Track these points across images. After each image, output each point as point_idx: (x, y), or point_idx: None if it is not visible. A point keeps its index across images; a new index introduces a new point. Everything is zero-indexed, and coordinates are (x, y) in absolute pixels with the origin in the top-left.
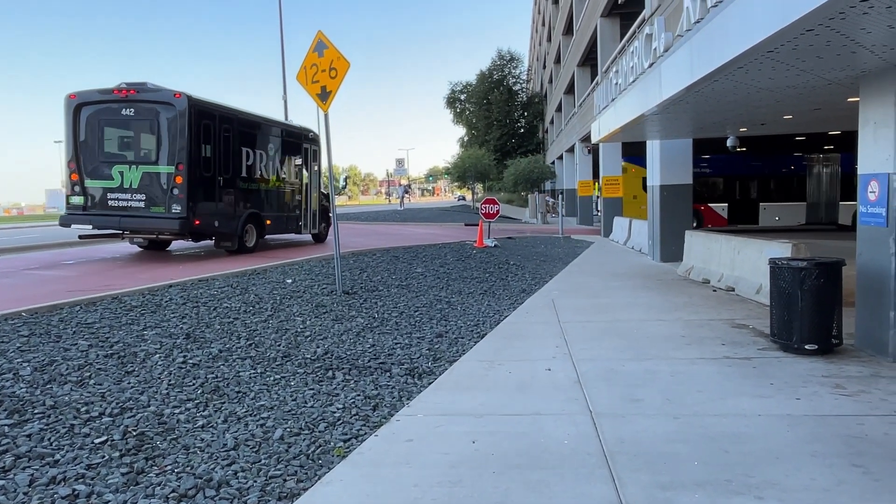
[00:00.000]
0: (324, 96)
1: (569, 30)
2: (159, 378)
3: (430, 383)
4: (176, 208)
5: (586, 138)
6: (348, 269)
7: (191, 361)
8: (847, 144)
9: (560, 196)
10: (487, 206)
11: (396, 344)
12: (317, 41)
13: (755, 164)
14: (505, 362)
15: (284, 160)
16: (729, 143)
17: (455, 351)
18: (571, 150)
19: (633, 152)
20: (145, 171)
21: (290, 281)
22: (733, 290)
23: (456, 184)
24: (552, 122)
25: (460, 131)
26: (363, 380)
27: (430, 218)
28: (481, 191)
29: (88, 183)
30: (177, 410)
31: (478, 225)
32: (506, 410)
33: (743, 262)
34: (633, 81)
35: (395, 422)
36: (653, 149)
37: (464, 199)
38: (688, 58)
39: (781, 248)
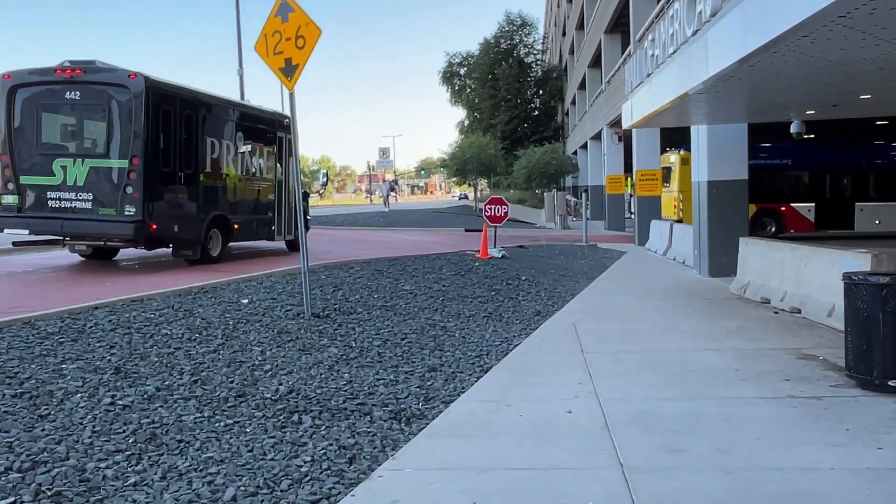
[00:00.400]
0: (289, 71)
1: None
2: (81, 423)
3: (420, 429)
4: (130, 210)
5: (616, 123)
6: (319, 286)
7: (121, 402)
8: None
9: (584, 195)
10: (493, 207)
11: (379, 380)
12: (280, 3)
13: (851, 154)
14: (515, 403)
15: (255, 152)
16: (793, 129)
17: (452, 389)
18: (598, 137)
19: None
20: (93, 166)
21: (246, 301)
22: (799, 311)
23: (454, 179)
24: (574, 102)
25: (459, 113)
26: (337, 425)
27: (423, 222)
28: (486, 188)
29: (24, 180)
30: (102, 464)
31: (481, 231)
32: (515, 464)
33: (811, 276)
34: (674, 53)
35: (376, 478)
36: (698, 136)
37: (466, 197)
38: (740, 24)
39: (859, 260)
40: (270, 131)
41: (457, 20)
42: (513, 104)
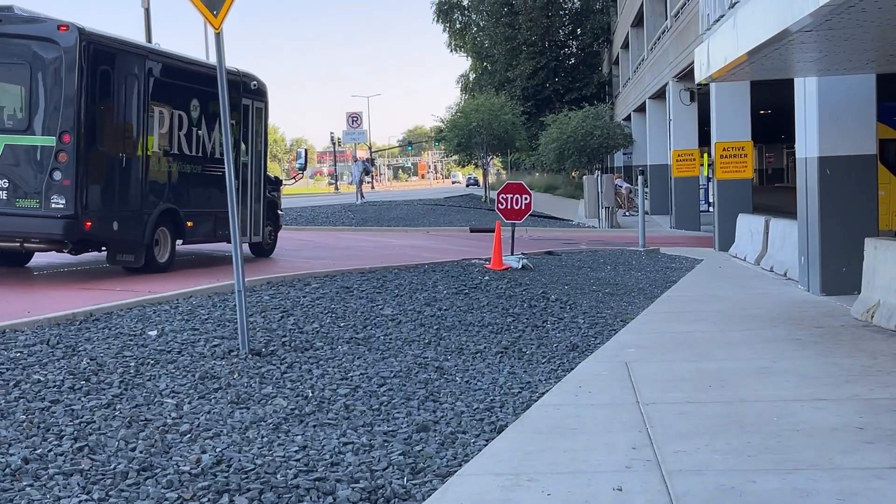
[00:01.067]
0: (214, 3)
1: None
2: None
3: None
4: (58, 202)
5: (688, 74)
6: (261, 310)
7: None
8: None
9: (641, 178)
10: (510, 197)
11: (346, 444)
12: None
13: None
14: (540, 476)
15: (214, 127)
16: None
17: (451, 456)
18: (661, 95)
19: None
20: (8, 144)
21: (154, 333)
22: None
23: (454, 158)
24: (626, 45)
25: (463, 64)
26: None
27: (409, 218)
28: (501, 170)
29: None
30: None
31: (493, 231)
32: None
33: None
34: None
35: None
36: (805, 93)
37: (476, 183)
38: None
39: None
40: (233, 96)
41: None
42: (538, 50)
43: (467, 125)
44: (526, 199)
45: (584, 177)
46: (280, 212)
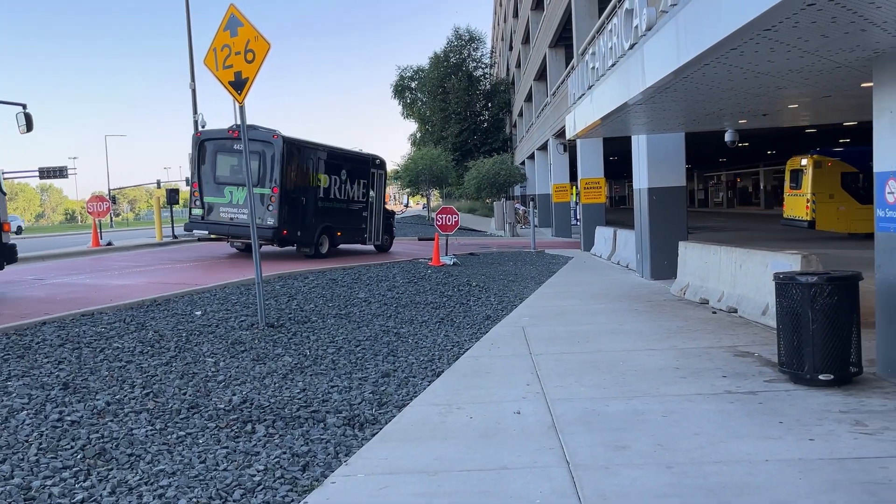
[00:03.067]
0: (238, 85)
1: (538, 4)
2: (27, 441)
3: (373, 435)
4: (270, 221)
5: (561, 133)
6: (273, 296)
7: (69, 419)
8: (866, 137)
9: (532, 203)
10: (444, 216)
11: (333, 387)
12: (228, 17)
13: None
14: (465, 405)
15: (354, 182)
16: (727, 137)
17: (405, 393)
18: (544, 147)
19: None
20: (256, 193)
21: (199, 313)
22: (736, 311)
23: (407, 190)
24: (521, 114)
25: (412, 126)
26: (290, 433)
27: None
28: (438, 198)
29: (206, 199)
30: (49, 482)
31: (434, 239)
32: (466, 465)
33: (746, 277)
34: (613, 65)
35: (329, 485)
36: (638, 145)
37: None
38: (674, 38)
39: (789, 261)
40: (364, 167)
41: (407, 36)
42: (462, 117)
43: (415, 168)
44: (455, 217)
45: (495, 202)
46: (393, 228)
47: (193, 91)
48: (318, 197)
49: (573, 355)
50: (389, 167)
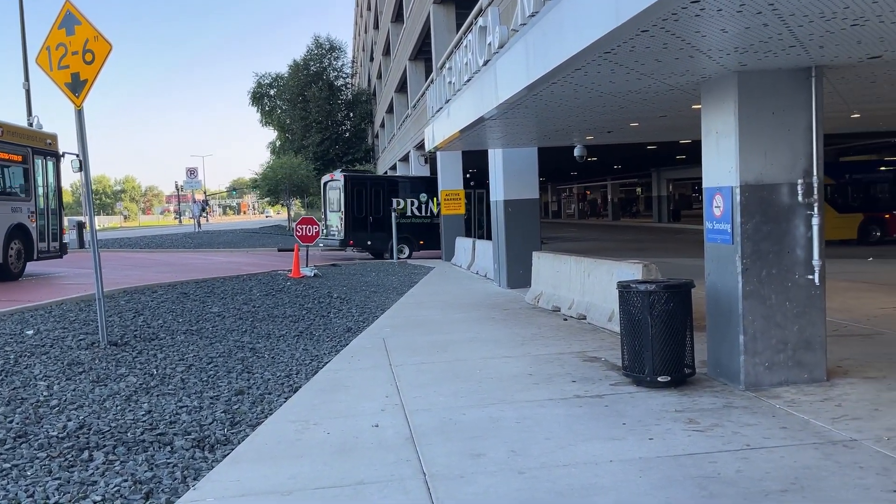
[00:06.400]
0: (76, 86)
1: (398, 17)
2: None
3: (225, 455)
4: (342, 235)
5: (422, 145)
6: (117, 312)
7: None
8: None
9: (394, 214)
10: (304, 227)
11: (182, 407)
12: (64, 14)
13: None
14: (323, 421)
15: (416, 200)
16: (577, 152)
17: (260, 411)
18: (406, 159)
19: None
20: (337, 215)
21: (31, 332)
22: (585, 317)
23: (266, 199)
24: (383, 125)
25: (271, 134)
26: (133, 459)
27: (234, 242)
28: (299, 208)
29: (323, 221)
30: None
31: (293, 250)
32: (322, 482)
33: (594, 286)
34: (469, 81)
35: None
36: (495, 159)
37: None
38: (524, 56)
39: (632, 270)
40: (423, 189)
41: (266, 43)
42: (324, 126)
43: (275, 177)
44: (316, 228)
45: None
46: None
47: (27, 91)
48: (375, 216)
49: (432, 365)
50: (248, 175)
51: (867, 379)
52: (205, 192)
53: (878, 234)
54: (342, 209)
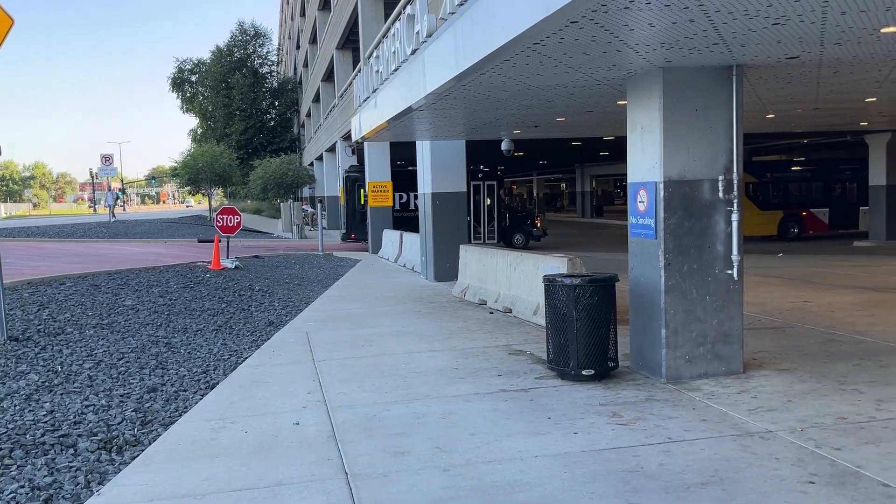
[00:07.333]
0: None
1: (325, 5)
2: None
3: (134, 457)
4: (344, 229)
5: (349, 136)
6: (20, 305)
7: None
8: (624, 151)
9: (320, 205)
10: (225, 217)
11: (88, 407)
12: None
13: (860, 167)
14: (240, 419)
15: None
16: (504, 146)
17: (174, 409)
18: (333, 149)
19: (589, 156)
20: (342, 209)
21: None
22: (511, 311)
23: (187, 189)
24: (309, 114)
25: (192, 121)
26: (32, 463)
27: (151, 233)
28: (221, 198)
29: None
30: None
31: (214, 241)
32: (238, 485)
33: (519, 279)
34: (396, 70)
35: None
36: (423, 151)
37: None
38: (452, 45)
39: (557, 264)
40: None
41: (188, 29)
42: (248, 114)
43: (195, 165)
44: (237, 218)
45: (282, 204)
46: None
47: None
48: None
49: (357, 360)
50: (168, 164)
51: (780, 371)
52: (122, 181)
53: (796, 230)
54: (344, 204)
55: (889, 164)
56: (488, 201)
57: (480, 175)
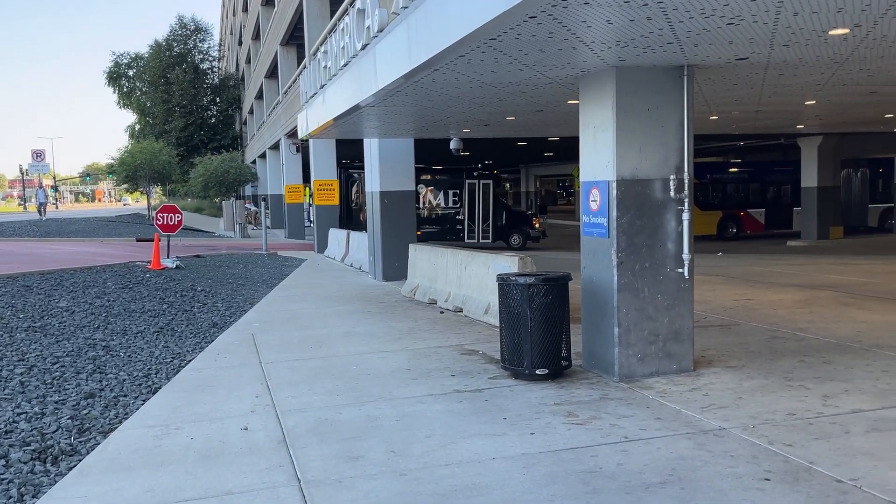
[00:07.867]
0: None
1: (269, 0)
2: None
3: (71, 468)
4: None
5: (294, 133)
6: None
7: None
8: (568, 152)
9: (263, 203)
10: (165, 215)
11: (20, 414)
12: None
13: (795, 170)
14: (185, 425)
15: (441, 193)
16: (453, 145)
17: (113, 416)
18: (276, 147)
19: (533, 155)
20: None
21: None
22: (461, 310)
23: (124, 186)
24: (252, 111)
25: (130, 117)
26: None
27: (87, 231)
28: (160, 196)
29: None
30: None
31: (153, 240)
32: (184, 495)
33: (470, 278)
34: (346, 65)
35: None
36: (370, 149)
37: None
38: (405, 41)
39: (508, 262)
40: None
41: (124, 19)
42: (188, 110)
43: (133, 162)
44: (178, 217)
45: (224, 202)
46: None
47: None
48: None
49: (305, 361)
50: (104, 160)
51: (729, 368)
52: (54, 178)
53: (734, 230)
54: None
55: (820, 166)
56: (481, 200)
57: (476, 173)
